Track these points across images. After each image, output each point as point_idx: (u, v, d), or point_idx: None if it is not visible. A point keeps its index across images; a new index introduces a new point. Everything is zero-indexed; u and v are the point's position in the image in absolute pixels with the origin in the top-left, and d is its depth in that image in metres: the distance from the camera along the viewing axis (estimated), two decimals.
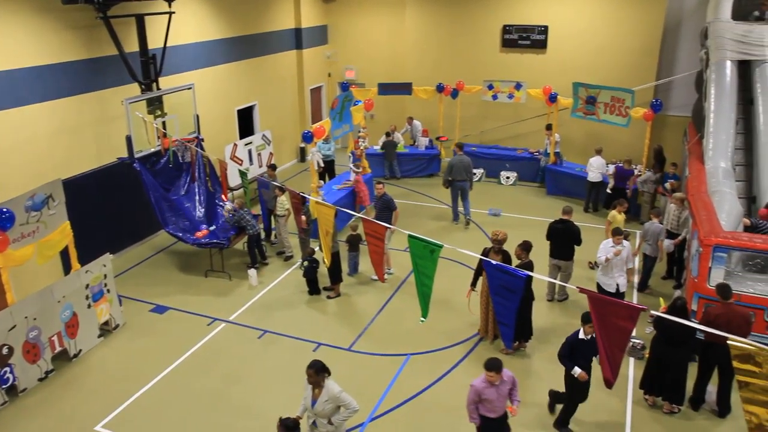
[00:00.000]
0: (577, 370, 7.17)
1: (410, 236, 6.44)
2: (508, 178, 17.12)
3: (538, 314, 9.48)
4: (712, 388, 8.12)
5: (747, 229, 9.95)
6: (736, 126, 12.33)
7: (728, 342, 4.07)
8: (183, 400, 8.39)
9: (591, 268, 11.97)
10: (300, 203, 11.48)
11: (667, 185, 12.79)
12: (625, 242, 9.47)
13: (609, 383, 5.23)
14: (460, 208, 14.23)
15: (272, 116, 17.79)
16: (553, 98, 15.95)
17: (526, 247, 9.09)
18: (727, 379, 7.87)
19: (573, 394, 7.53)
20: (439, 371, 8.98)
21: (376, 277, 11.42)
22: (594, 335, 6.55)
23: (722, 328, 7.47)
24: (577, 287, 5.56)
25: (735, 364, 3.98)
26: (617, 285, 9.48)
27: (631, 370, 8.93)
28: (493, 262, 5.63)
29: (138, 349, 9.59)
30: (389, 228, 9.71)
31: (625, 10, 16.36)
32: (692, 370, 8.08)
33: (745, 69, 12.97)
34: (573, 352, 7.28)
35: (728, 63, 12.74)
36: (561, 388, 8.09)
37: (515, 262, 9.20)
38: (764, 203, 10.59)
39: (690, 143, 13.39)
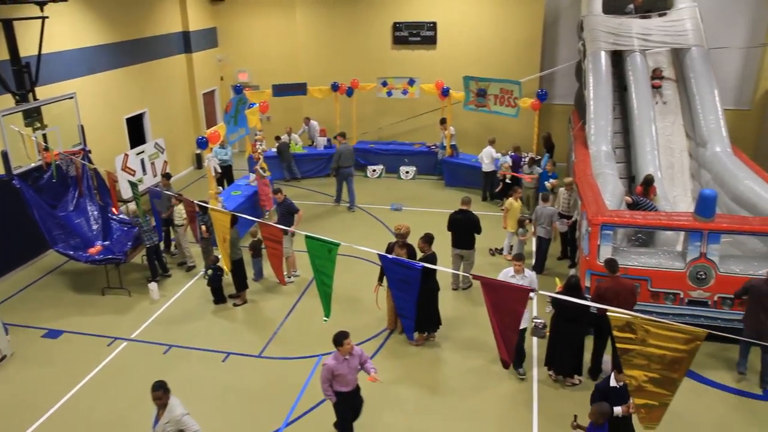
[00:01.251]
0: (618, 410, 6.56)
1: (307, 236, 6.41)
2: (407, 172, 17.41)
3: (444, 304, 9.71)
4: (607, 357, 8.63)
5: (629, 206, 10.65)
6: (613, 112, 13.16)
7: (607, 314, 4.36)
8: (84, 429, 7.95)
9: (492, 255, 12.41)
10: (194, 212, 11.17)
11: (547, 185, 13.24)
12: (527, 272, 8.65)
13: (506, 363, 5.42)
14: (346, 199, 14.77)
15: (164, 123, 17.15)
16: (445, 92, 16.37)
17: (428, 239, 9.28)
18: None
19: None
20: None
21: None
22: (624, 383, 6.47)
23: (611, 301, 8.00)
24: (471, 275, 5.75)
25: (615, 333, 4.29)
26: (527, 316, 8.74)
27: (535, 348, 9.34)
28: (390, 256, 5.70)
29: (30, 379, 8.98)
30: (290, 231, 9.64)
31: (508, 6, 17.04)
32: (589, 343, 8.56)
33: (618, 58, 13.88)
34: (606, 399, 6.65)
35: (603, 53, 13.56)
36: (471, 373, 8.36)
37: (419, 255, 9.38)
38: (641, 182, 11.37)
39: (574, 129, 14.15)
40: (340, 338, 6.76)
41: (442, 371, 8.98)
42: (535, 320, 8.94)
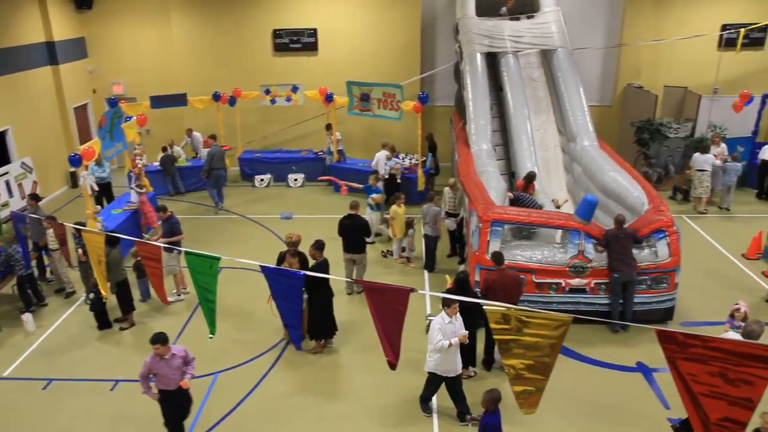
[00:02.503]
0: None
1: (186, 252, 6.21)
2: (296, 180, 17.29)
3: (339, 309, 9.72)
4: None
5: (511, 202, 11.18)
6: (491, 111, 13.74)
7: (484, 307, 4.55)
8: None
9: (384, 257, 12.57)
10: (64, 234, 10.51)
11: (370, 200, 12.85)
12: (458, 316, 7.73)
13: (392, 365, 5.48)
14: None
15: (32, 141, 15.98)
16: (329, 98, 16.41)
17: (318, 246, 9.26)
18: None
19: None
20: (250, 384, 8.81)
21: (172, 299, 10.88)
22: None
23: (499, 292, 8.36)
24: (353, 279, 5.80)
25: (491, 325, 4.50)
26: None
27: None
28: (270, 266, 5.64)
29: None
30: (174, 249, 9.30)
31: (386, 10, 17.35)
32: (481, 335, 8.88)
33: (493, 60, 14.51)
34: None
35: (478, 55, 14.13)
36: (371, 374, 8.42)
37: (311, 262, 9.33)
38: (521, 177, 11.95)
39: (456, 130, 14.64)
40: (152, 341, 6.93)
41: (342, 376, 8.99)
42: (428, 318, 9.14)
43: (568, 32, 14.51)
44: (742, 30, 16.16)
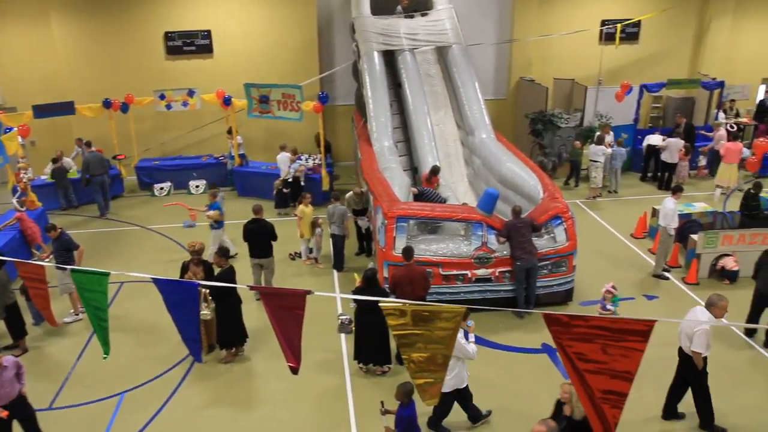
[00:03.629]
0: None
1: (72, 270, 5.85)
2: (197, 186, 16.79)
3: (248, 316, 9.53)
4: None
5: (416, 197, 11.37)
6: (391, 108, 13.92)
7: (379, 305, 4.57)
8: None
9: (292, 259, 12.45)
10: None
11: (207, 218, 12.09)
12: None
13: (294, 370, 5.39)
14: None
15: None
16: (227, 101, 16.05)
17: (222, 253, 9.05)
18: None
19: None
20: (159, 400, 8.48)
21: (70, 320, 10.30)
22: None
23: (406, 287, 8.50)
24: (247, 285, 5.70)
25: (389, 321, 4.52)
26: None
27: (344, 345, 9.56)
28: (163, 278, 5.41)
29: None
30: (65, 268, 8.79)
31: (282, 10, 17.15)
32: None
33: (390, 57, 14.69)
34: None
35: (375, 54, 14.26)
36: (285, 379, 8.32)
37: (217, 270, 9.10)
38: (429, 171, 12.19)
39: (358, 128, 14.72)
40: None
41: (256, 383, 8.83)
42: (340, 317, 9.14)
43: (461, 29, 14.92)
44: (619, 25, 17.23)
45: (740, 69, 19.12)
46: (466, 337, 7.36)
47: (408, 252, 8.88)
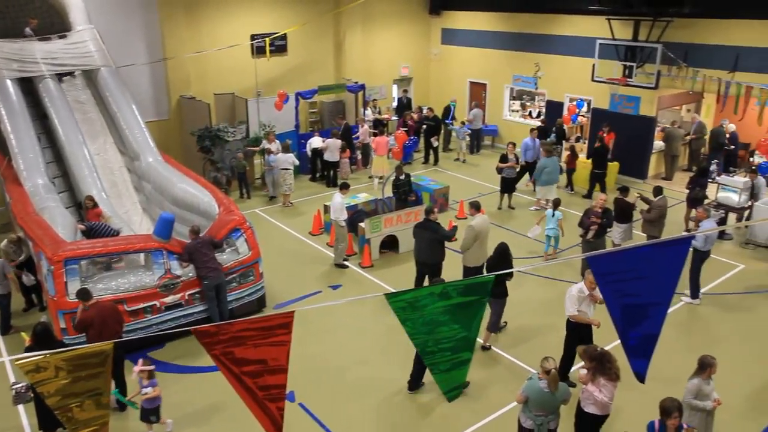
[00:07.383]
0: None
1: None
2: None
3: None
4: None
5: (84, 233, 10.53)
6: (40, 142, 12.56)
7: (17, 362, 4.16)
8: None
9: None
10: None
11: None
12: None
13: None
14: None
15: None
16: None
17: None
18: None
19: None
20: None
21: None
22: None
23: (100, 327, 8.02)
24: None
25: (29, 378, 4.10)
26: None
27: (24, 417, 8.41)
28: None
29: None
30: None
31: None
32: None
33: (30, 86, 13.21)
34: None
35: (8, 82, 12.69)
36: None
37: None
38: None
39: (1, 168, 12.96)
40: None
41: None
42: (13, 387, 8.02)
43: (108, 50, 14.14)
44: (267, 39, 18.19)
45: (376, 73, 21.87)
46: None
47: (84, 294, 8.25)
